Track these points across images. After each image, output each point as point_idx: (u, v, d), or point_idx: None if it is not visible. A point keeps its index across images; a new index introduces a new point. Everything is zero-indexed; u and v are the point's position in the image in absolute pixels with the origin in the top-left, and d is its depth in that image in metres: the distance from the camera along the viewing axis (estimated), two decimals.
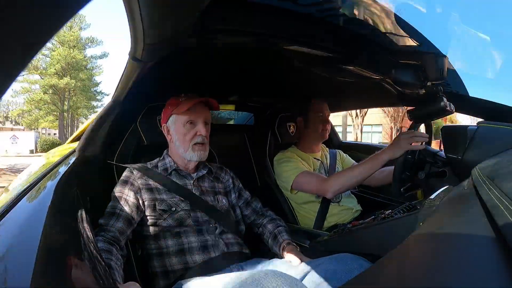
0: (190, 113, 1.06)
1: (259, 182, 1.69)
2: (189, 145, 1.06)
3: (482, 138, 0.89)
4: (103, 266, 0.57)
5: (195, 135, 1.06)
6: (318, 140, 1.58)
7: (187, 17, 0.61)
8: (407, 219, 0.87)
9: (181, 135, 1.07)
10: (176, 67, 1.15)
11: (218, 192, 1.14)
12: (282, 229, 1.14)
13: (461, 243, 0.41)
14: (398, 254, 0.47)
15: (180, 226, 1.00)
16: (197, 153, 1.06)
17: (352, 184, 1.28)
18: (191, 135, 1.06)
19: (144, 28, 0.54)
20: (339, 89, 1.61)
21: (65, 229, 0.58)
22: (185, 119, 1.06)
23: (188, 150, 1.06)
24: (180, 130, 1.07)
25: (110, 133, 1.12)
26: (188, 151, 1.06)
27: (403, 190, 1.12)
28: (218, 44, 0.94)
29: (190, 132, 1.06)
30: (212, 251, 0.98)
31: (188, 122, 1.06)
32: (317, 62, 1.11)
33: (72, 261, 0.48)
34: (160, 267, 0.97)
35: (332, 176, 1.35)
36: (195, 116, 1.06)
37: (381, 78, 1.22)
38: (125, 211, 0.96)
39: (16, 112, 16.95)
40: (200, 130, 1.06)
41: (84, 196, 0.89)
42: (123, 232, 0.93)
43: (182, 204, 1.02)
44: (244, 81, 1.53)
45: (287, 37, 0.92)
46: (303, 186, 1.39)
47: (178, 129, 1.07)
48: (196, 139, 1.06)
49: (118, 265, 0.82)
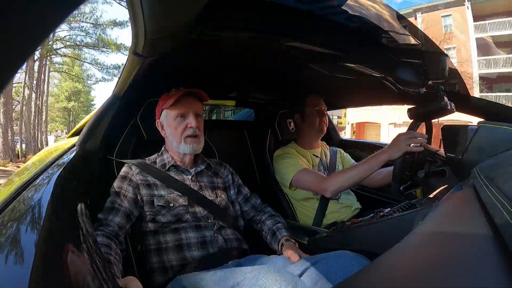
0: (180, 106, 1.06)
1: (259, 178, 1.69)
2: (181, 138, 1.06)
3: (482, 138, 0.89)
4: (102, 261, 0.58)
5: (186, 128, 1.06)
6: (317, 134, 1.58)
7: (188, 12, 0.61)
8: (406, 218, 0.87)
9: (173, 129, 1.07)
10: (177, 63, 1.15)
11: (217, 187, 1.14)
12: (281, 226, 1.14)
13: (460, 242, 0.41)
14: (397, 252, 0.47)
15: (179, 221, 1.00)
16: (190, 146, 1.06)
17: (350, 184, 1.29)
18: (182, 128, 1.06)
19: (145, 22, 0.54)
20: (339, 87, 1.61)
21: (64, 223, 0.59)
22: (175, 113, 1.06)
23: (180, 143, 1.06)
24: (171, 124, 1.07)
25: (110, 128, 1.12)
26: (181, 144, 1.06)
27: (403, 189, 1.12)
28: (219, 40, 0.93)
29: (181, 125, 1.06)
30: (210, 246, 0.98)
31: (179, 115, 1.06)
32: (318, 59, 1.11)
33: (71, 255, 0.48)
34: (159, 263, 0.97)
35: (331, 175, 1.36)
36: (185, 109, 1.06)
37: (382, 76, 1.21)
38: (124, 206, 0.96)
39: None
40: (190, 122, 1.06)
41: (84, 191, 0.89)
42: (122, 227, 0.93)
43: (180, 199, 1.02)
44: (245, 77, 1.52)
45: (288, 33, 0.92)
46: (302, 183, 1.40)
47: (169, 123, 1.08)
48: (187, 132, 1.06)
49: (117, 259, 0.82)
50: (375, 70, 1.16)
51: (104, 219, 0.92)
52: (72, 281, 0.43)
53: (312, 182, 1.36)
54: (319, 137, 1.61)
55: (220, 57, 1.19)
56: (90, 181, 1.03)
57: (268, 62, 1.28)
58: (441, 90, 1.06)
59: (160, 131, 1.13)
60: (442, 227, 0.52)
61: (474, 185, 0.57)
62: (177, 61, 1.11)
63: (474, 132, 0.92)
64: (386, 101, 1.69)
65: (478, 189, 0.52)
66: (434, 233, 0.50)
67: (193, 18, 0.66)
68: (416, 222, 0.81)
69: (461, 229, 0.45)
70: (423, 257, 0.42)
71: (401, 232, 0.62)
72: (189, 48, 1.00)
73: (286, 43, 0.97)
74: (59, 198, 0.65)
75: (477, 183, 0.56)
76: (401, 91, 1.29)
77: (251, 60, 1.25)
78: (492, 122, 0.92)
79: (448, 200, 0.73)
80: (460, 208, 0.59)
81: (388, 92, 1.39)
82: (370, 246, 0.93)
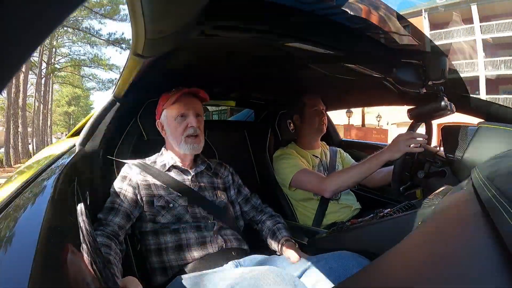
0: (180, 106, 1.06)
1: (259, 178, 1.69)
2: (181, 137, 1.06)
3: (482, 139, 0.89)
4: (102, 261, 0.58)
5: (187, 127, 1.06)
6: (316, 134, 1.58)
7: (189, 12, 0.61)
8: (406, 218, 0.87)
9: (173, 129, 1.07)
10: (177, 63, 1.15)
11: (217, 187, 1.14)
12: (281, 226, 1.14)
13: (460, 243, 0.41)
14: (397, 253, 0.47)
15: (178, 222, 1.00)
16: (190, 146, 1.06)
17: (350, 185, 1.29)
18: (183, 128, 1.06)
19: (145, 22, 0.54)
20: (339, 87, 1.61)
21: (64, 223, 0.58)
22: (175, 113, 1.06)
23: (181, 142, 1.06)
24: (172, 124, 1.07)
25: (110, 128, 1.12)
26: (181, 144, 1.06)
27: (403, 189, 1.12)
28: (219, 40, 0.93)
29: (181, 124, 1.06)
30: (210, 247, 0.98)
31: (179, 115, 1.06)
32: (318, 59, 1.11)
33: (71, 255, 0.48)
34: (159, 263, 0.97)
35: (330, 175, 1.36)
36: (185, 108, 1.06)
37: (382, 77, 1.21)
38: (124, 206, 0.96)
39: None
40: (191, 122, 1.06)
41: (84, 191, 0.89)
42: (122, 227, 0.93)
43: (180, 200, 1.02)
44: (245, 77, 1.52)
45: (288, 34, 0.92)
46: (302, 184, 1.40)
47: (170, 123, 1.08)
48: (188, 131, 1.06)
49: (117, 260, 0.82)
50: (375, 70, 1.16)
51: (104, 219, 0.92)
52: (72, 281, 0.43)
53: (311, 182, 1.36)
54: (319, 137, 1.61)
55: (220, 57, 1.19)
56: (90, 181, 1.03)
57: (268, 62, 1.28)
58: (441, 91, 1.06)
59: (160, 131, 1.13)
60: (442, 227, 0.52)
61: (474, 185, 0.57)
62: (177, 61, 1.11)
63: (474, 132, 0.92)
64: (386, 101, 1.69)
65: (478, 189, 0.52)
66: (433, 234, 0.50)
67: (193, 18, 0.66)
68: (416, 222, 0.81)
69: (461, 230, 0.45)
70: (422, 257, 0.42)
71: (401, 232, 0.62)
72: (189, 48, 1.00)
73: (286, 43, 0.97)
74: (59, 198, 0.65)
75: (477, 183, 0.56)
76: (401, 92, 1.29)
77: (251, 60, 1.25)
78: (492, 123, 0.92)
79: (448, 200, 0.73)
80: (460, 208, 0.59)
81: (388, 92, 1.39)
82: (370, 246, 0.93)
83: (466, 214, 0.51)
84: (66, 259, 0.46)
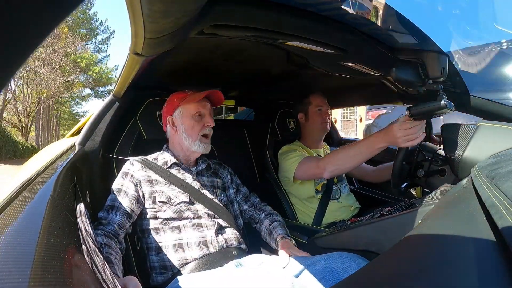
0: (199, 105, 1.09)
1: (259, 178, 1.69)
2: (198, 136, 1.08)
3: (482, 138, 0.89)
4: (102, 260, 0.58)
5: (204, 127, 1.09)
6: (320, 133, 1.59)
7: (188, 12, 0.61)
8: (405, 217, 0.87)
9: (189, 127, 1.09)
10: (177, 62, 1.15)
11: (216, 187, 1.15)
12: (277, 224, 1.14)
13: (459, 242, 0.41)
14: (396, 252, 0.47)
15: (179, 219, 1.00)
16: (204, 145, 1.09)
17: (346, 167, 1.23)
18: (200, 127, 1.09)
19: (144, 22, 0.54)
20: (339, 86, 1.61)
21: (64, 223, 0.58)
22: (194, 111, 1.09)
23: (196, 141, 1.08)
24: (188, 122, 1.09)
25: (110, 127, 1.12)
26: (196, 142, 1.08)
27: (402, 188, 1.12)
28: (219, 39, 0.93)
29: (199, 123, 1.09)
30: (210, 246, 0.98)
31: (197, 113, 1.09)
32: (318, 58, 1.11)
33: (71, 255, 0.48)
34: (159, 262, 0.97)
35: (327, 155, 1.31)
36: (203, 108, 1.10)
37: (381, 75, 1.21)
38: (124, 204, 0.96)
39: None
40: (208, 121, 1.09)
41: (83, 190, 0.89)
42: (122, 226, 0.93)
43: (181, 196, 1.03)
44: (245, 77, 1.52)
45: (287, 32, 0.92)
46: (304, 172, 1.37)
47: (186, 120, 1.09)
48: (205, 130, 1.09)
49: (117, 259, 0.82)
50: (375, 69, 1.16)
51: (104, 218, 0.92)
52: (73, 281, 0.43)
53: (311, 167, 1.34)
54: (323, 136, 1.62)
55: (220, 56, 1.19)
56: (89, 181, 1.03)
57: (268, 61, 1.28)
58: (441, 89, 1.06)
59: (170, 128, 1.12)
60: (441, 226, 0.52)
61: (474, 184, 0.57)
62: (176, 61, 1.11)
63: (474, 131, 0.92)
64: (386, 100, 1.69)
65: (478, 188, 0.52)
66: (433, 233, 0.50)
67: (192, 17, 0.66)
68: (416, 221, 0.81)
69: (461, 229, 0.45)
70: (422, 256, 0.42)
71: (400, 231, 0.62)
72: (189, 47, 1.00)
73: (287, 42, 0.97)
74: (59, 198, 0.65)
75: (476, 182, 0.56)
76: (401, 90, 1.29)
77: (251, 59, 1.25)
78: (492, 122, 0.92)
79: (447, 199, 0.73)
80: (459, 207, 0.59)
81: (388, 91, 1.39)
82: (369, 245, 0.94)
83: (465, 213, 0.51)
84: (66, 259, 0.46)
